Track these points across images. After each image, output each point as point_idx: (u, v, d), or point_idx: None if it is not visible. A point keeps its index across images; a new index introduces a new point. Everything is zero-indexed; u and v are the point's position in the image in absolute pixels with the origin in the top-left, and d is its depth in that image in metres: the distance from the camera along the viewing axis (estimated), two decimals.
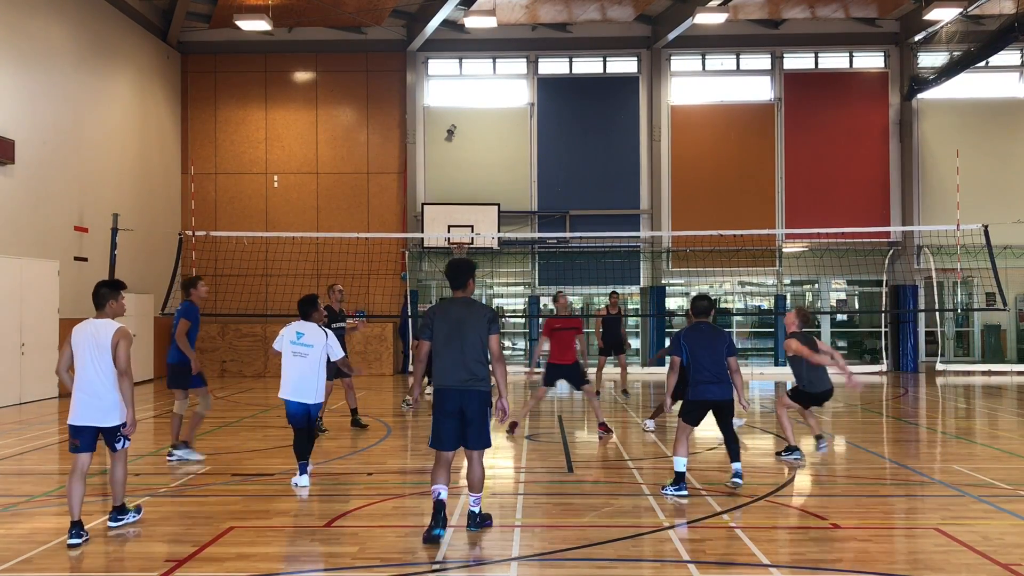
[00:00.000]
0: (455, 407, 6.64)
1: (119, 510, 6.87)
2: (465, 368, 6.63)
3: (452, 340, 6.66)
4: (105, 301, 6.73)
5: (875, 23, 24.53)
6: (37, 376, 16.52)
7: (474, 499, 6.82)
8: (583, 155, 24.53)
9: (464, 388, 6.63)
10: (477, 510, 6.82)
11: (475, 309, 6.78)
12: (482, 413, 6.67)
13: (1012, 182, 23.91)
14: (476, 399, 6.64)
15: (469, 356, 6.63)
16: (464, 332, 6.66)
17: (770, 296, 25.81)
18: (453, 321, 6.71)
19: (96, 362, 6.52)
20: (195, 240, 19.13)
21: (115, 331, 6.56)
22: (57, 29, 18.09)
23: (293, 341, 8.60)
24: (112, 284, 6.87)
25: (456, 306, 6.81)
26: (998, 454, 10.12)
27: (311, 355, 8.52)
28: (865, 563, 5.93)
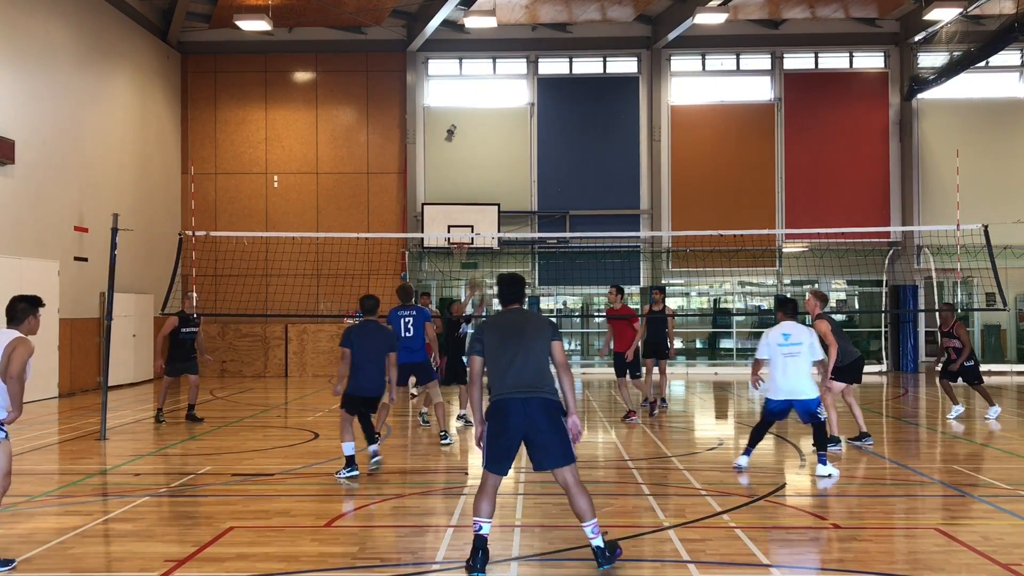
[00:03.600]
0: (517, 419, 5.82)
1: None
2: (526, 376, 5.89)
3: (508, 347, 5.97)
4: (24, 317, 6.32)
5: (875, 23, 24.53)
6: (37, 376, 16.49)
7: (590, 528, 5.78)
8: (583, 155, 24.52)
9: (527, 396, 5.84)
10: (600, 542, 5.76)
11: (533, 316, 6.29)
12: (554, 423, 5.84)
13: (1012, 182, 23.91)
14: (542, 407, 5.83)
15: (530, 362, 5.92)
16: (523, 338, 5.99)
17: (770, 296, 25.81)
18: (509, 329, 6.08)
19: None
20: (195, 240, 19.10)
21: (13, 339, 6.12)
22: (57, 29, 18.09)
23: (781, 344, 8.87)
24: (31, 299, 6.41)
25: (511, 315, 6.22)
26: (998, 454, 10.12)
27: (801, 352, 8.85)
28: (865, 563, 5.93)
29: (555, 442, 5.81)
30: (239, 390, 19.03)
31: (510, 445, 5.86)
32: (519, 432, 5.84)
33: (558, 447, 5.81)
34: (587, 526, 5.77)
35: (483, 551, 5.73)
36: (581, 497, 5.79)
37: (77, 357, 18.07)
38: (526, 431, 5.84)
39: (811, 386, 8.89)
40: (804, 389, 8.83)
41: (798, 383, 8.82)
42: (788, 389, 8.81)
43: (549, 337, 6.04)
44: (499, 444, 5.85)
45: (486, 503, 5.80)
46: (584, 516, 5.78)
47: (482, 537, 5.75)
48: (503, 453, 5.86)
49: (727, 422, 14.10)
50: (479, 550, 5.72)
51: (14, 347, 6.06)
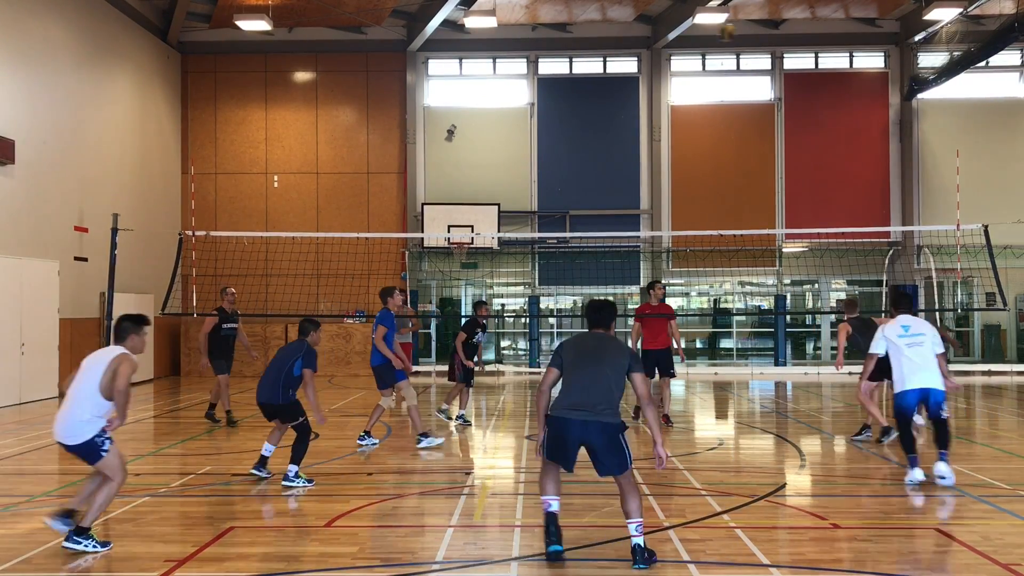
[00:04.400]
0: (576, 437, 6.05)
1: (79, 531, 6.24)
2: (591, 397, 6.04)
3: (583, 367, 6.17)
4: (126, 335, 6.61)
5: (875, 23, 24.53)
6: (37, 376, 16.52)
7: (636, 527, 5.92)
8: (583, 155, 24.52)
9: (584, 419, 6.01)
10: (640, 542, 5.89)
11: (613, 342, 6.34)
12: (611, 445, 6.02)
13: (1012, 182, 23.91)
14: (600, 431, 6.00)
15: (595, 385, 6.07)
16: (599, 364, 6.14)
17: (770, 296, 25.81)
18: (586, 350, 6.27)
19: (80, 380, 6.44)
20: (195, 240, 19.11)
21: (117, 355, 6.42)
22: (57, 29, 18.09)
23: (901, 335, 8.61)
24: (135, 319, 6.70)
25: (591, 338, 6.39)
26: (998, 454, 10.12)
27: None
28: (865, 563, 5.93)
29: (612, 457, 6.05)
30: (239, 390, 19.01)
31: (567, 453, 6.13)
32: (577, 444, 6.11)
33: (615, 461, 6.05)
34: (631, 523, 5.96)
35: (555, 526, 6.07)
36: (631, 498, 5.99)
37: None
38: (584, 445, 6.11)
39: (940, 377, 8.46)
40: (934, 379, 8.42)
41: (927, 373, 8.41)
42: (919, 378, 8.40)
43: (625, 367, 6.18)
44: (558, 449, 6.14)
45: (550, 483, 6.19)
46: (630, 515, 5.97)
47: (552, 514, 6.10)
48: (562, 456, 6.15)
49: (727, 422, 14.09)
50: (549, 526, 6.07)
51: (119, 363, 6.38)
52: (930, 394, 8.43)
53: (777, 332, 24.62)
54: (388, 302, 10.77)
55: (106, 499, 6.31)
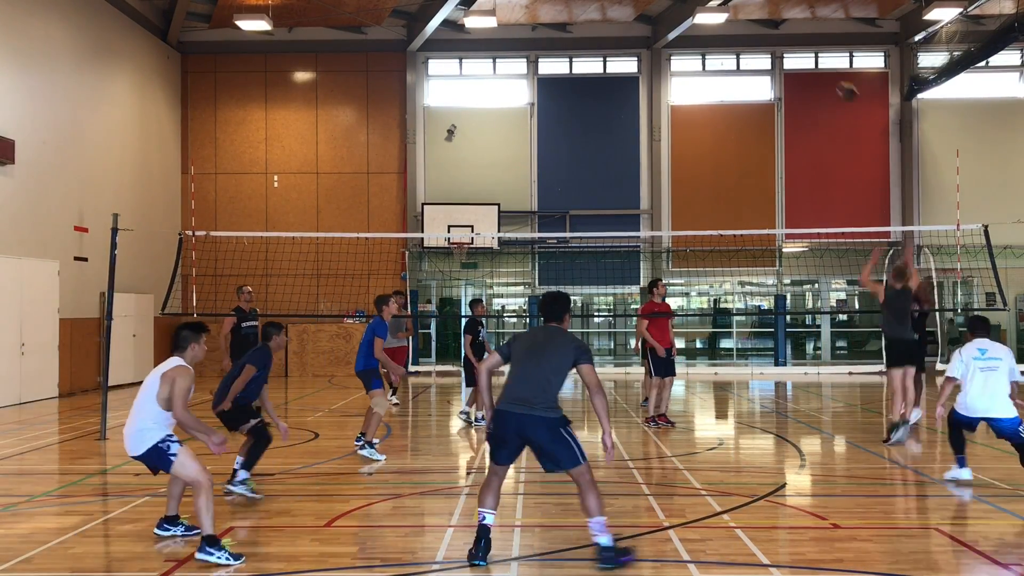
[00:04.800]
0: (512, 433, 5.98)
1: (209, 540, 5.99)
2: (529, 390, 5.97)
3: (525, 361, 6.09)
4: (186, 344, 6.44)
5: (875, 23, 24.53)
6: (37, 376, 16.53)
7: (595, 526, 5.85)
8: (583, 155, 24.53)
9: (522, 412, 5.93)
10: (603, 541, 5.80)
11: (562, 335, 6.23)
12: (558, 438, 5.93)
13: (1012, 182, 23.91)
14: (541, 426, 5.92)
15: (540, 380, 5.99)
16: (543, 356, 6.06)
17: (770, 296, 25.81)
18: (534, 343, 6.20)
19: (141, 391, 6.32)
20: (195, 240, 19.12)
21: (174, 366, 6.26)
22: (57, 29, 18.09)
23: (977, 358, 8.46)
24: (195, 327, 6.55)
25: (542, 331, 6.33)
26: (998, 454, 10.11)
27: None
28: (865, 563, 5.93)
29: (558, 451, 5.95)
30: None
31: (512, 448, 6.07)
32: (518, 440, 6.03)
33: (563, 454, 5.94)
34: (592, 522, 5.86)
35: (485, 540, 5.90)
36: (589, 495, 5.90)
37: (77, 357, 18.07)
38: (527, 442, 6.03)
39: (1008, 404, 8.27)
40: (1000, 407, 8.26)
41: (994, 401, 8.27)
42: (983, 407, 8.29)
43: (571, 358, 6.06)
44: (499, 446, 6.08)
45: (491, 493, 6.02)
46: (590, 512, 5.88)
47: (484, 527, 5.93)
48: (499, 450, 6.08)
49: (727, 422, 14.09)
50: (480, 538, 5.90)
51: (173, 378, 6.18)
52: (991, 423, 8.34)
53: (777, 332, 24.62)
54: (383, 311, 10.49)
55: (205, 504, 6.01)
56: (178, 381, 6.16)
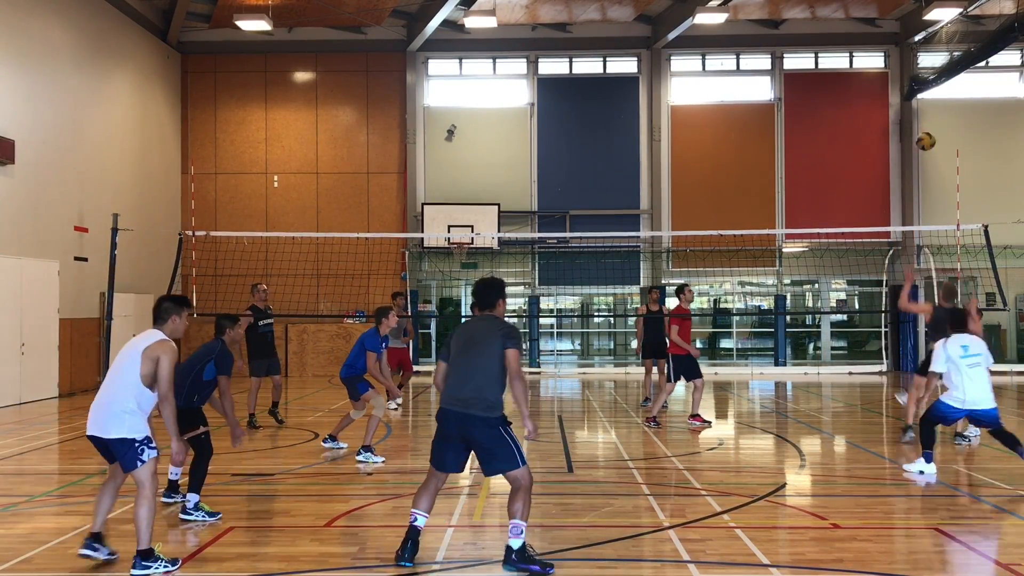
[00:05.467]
0: (455, 432, 5.91)
1: (143, 555, 5.77)
2: (468, 388, 5.90)
3: (460, 358, 6.01)
4: (168, 315, 6.06)
5: (875, 23, 24.53)
6: (37, 376, 16.53)
7: (512, 528, 5.78)
8: (583, 155, 24.52)
9: (462, 411, 5.87)
10: (516, 544, 5.73)
11: (491, 324, 6.08)
12: (492, 436, 5.86)
13: (1012, 182, 23.90)
14: (480, 425, 5.85)
15: (476, 377, 5.90)
16: (475, 350, 5.98)
17: (770, 296, 25.81)
18: (467, 337, 6.08)
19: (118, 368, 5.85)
20: (195, 240, 19.12)
21: (156, 342, 5.81)
22: (57, 29, 18.09)
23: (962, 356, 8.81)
24: (177, 299, 6.18)
25: (474, 322, 6.24)
26: (998, 454, 10.11)
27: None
28: (865, 563, 5.93)
29: (496, 453, 5.87)
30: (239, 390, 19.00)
31: (452, 451, 5.97)
32: (459, 443, 5.95)
33: (502, 458, 5.86)
34: (512, 524, 5.78)
35: (413, 542, 5.89)
36: (520, 498, 5.81)
37: (77, 357, 18.07)
38: (467, 442, 5.94)
39: (992, 397, 8.83)
40: (987, 400, 8.78)
41: (983, 394, 8.76)
42: (973, 401, 8.74)
43: (499, 346, 5.94)
44: (442, 447, 5.99)
45: (425, 496, 5.99)
46: (512, 514, 5.80)
47: (415, 528, 5.91)
48: (444, 455, 5.98)
49: (727, 422, 14.09)
50: (407, 540, 5.88)
51: (157, 355, 5.76)
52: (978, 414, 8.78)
53: (777, 332, 24.62)
54: (383, 323, 10.11)
55: (150, 515, 5.75)
56: (163, 360, 5.76)
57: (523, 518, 5.77)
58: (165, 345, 5.83)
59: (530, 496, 5.88)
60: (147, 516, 5.75)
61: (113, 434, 5.74)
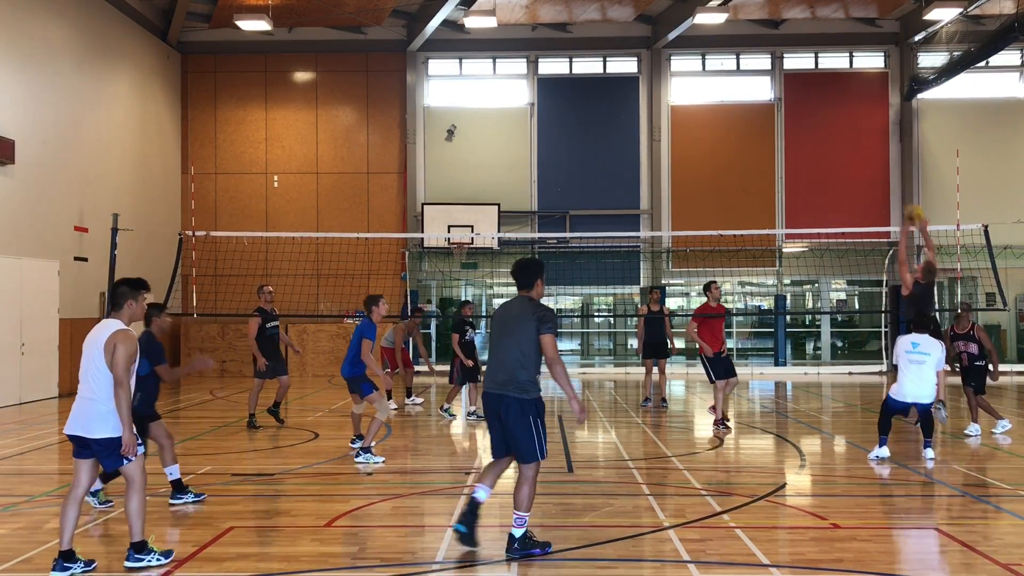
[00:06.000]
0: (494, 412, 6.14)
1: (137, 547, 5.84)
2: (503, 371, 6.08)
3: (496, 339, 6.22)
4: (124, 300, 5.96)
5: (875, 23, 24.53)
6: (37, 376, 16.52)
7: (515, 518, 6.04)
8: (583, 155, 24.52)
9: (499, 392, 6.07)
10: (518, 533, 5.99)
11: (526, 306, 6.18)
12: (522, 423, 6.00)
13: (1012, 182, 23.91)
14: (513, 406, 6.01)
15: (510, 358, 6.05)
16: (509, 332, 6.12)
17: (770, 296, 25.81)
18: (502, 319, 6.27)
19: (88, 365, 5.78)
20: (195, 240, 19.13)
21: (113, 332, 5.72)
22: (57, 29, 18.09)
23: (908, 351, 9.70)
24: (133, 283, 6.04)
25: (511, 304, 6.36)
26: (998, 454, 10.12)
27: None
28: (865, 563, 5.93)
29: (521, 440, 6.06)
30: (239, 390, 19.02)
31: (496, 432, 6.22)
32: (499, 424, 6.17)
33: (523, 445, 6.06)
34: (515, 514, 6.04)
35: (471, 513, 6.13)
36: (524, 489, 6.05)
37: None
38: (502, 424, 6.15)
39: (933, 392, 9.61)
40: (928, 395, 9.59)
41: (922, 389, 9.56)
42: (913, 394, 9.59)
43: (532, 329, 6.03)
44: (491, 431, 6.26)
45: (488, 475, 6.31)
46: (518, 506, 6.04)
47: (475, 501, 6.17)
48: (494, 441, 6.27)
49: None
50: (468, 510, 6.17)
51: (114, 345, 5.67)
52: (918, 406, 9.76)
53: (777, 332, 24.62)
54: (373, 312, 10.25)
55: (141, 507, 5.80)
56: (119, 348, 5.66)
57: (527, 508, 6.02)
58: (120, 335, 5.74)
59: (534, 488, 6.10)
60: (138, 509, 5.79)
61: (98, 433, 5.70)
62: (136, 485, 5.81)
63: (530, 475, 6.05)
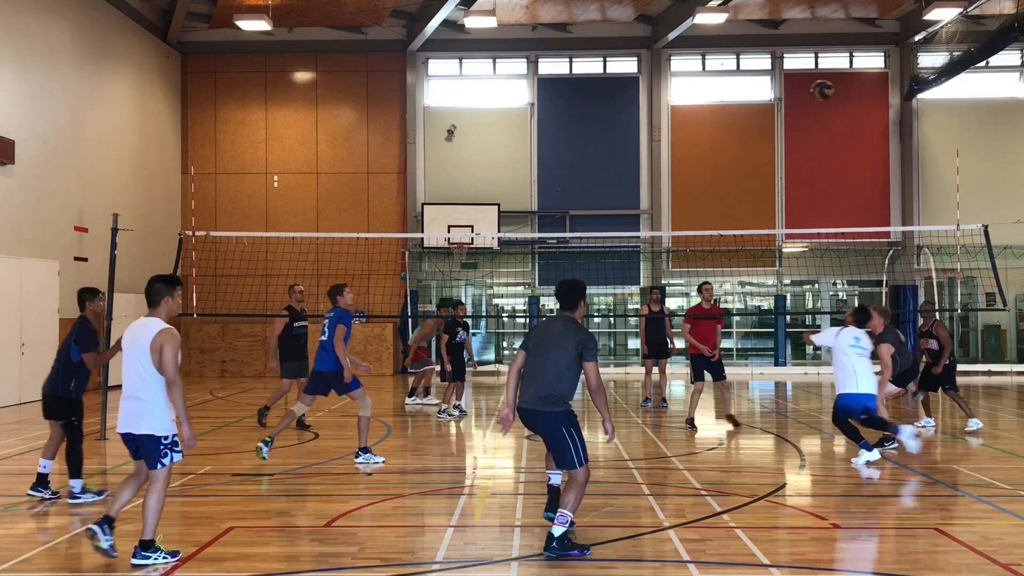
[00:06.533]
0: (530, 426, 6.45)
1: (144, 545, 5.91)
2: (536, 387, 6.28)
3: (533, 355, 6.38)
4: (160, 298, 6.09)
5: (875, 23, 24.53)
6: (37, 376, 16.42)
7: (559, 516, 6.07)
8: (583, 155, 24.52)
9: (534, 409, 6.30)
10: (558, 532, 6.01)
11: (569, 327, 6.38)
12: (558, 436, 6.25)
13: (1012, 182, 23.91)
14: (547, 421, 6.27)
15: (542, 376, 6.26)
16: (547, 351, 6.31)
17: (770, 296, 25.81)
18: (543, 336, 6.44)
19: (133, 364, 5.94)
20: (195, 240, 19.11)
21: (157, 332, 5.88)
22: (57, 29, 18.09)
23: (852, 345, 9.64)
24: (168, 279, 6.18)
25: (553, 322, 6.58)
26: (998, 454, 10.12)
27: None
28: (865, 563, 5.93)
29: (560, 451, 6.33)
30: (239, 390, 19.04)
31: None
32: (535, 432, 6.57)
33: (563, 455, 6.33)
34: (560, 512, 6.10)
35: (552, 499, 6.73)
36: (572, 491, 6.18)
37: None
38: (541, 437, 6.53)
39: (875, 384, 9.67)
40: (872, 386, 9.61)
41: (872, 383, 9.58)
42: (868, 387, 9.53)
43: (573, 350, 6.26)
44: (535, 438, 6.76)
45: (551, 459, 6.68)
46: (564, 504, 6.15)
47: (553, 487, 6.76)
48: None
49: (727, 422, 14.08)
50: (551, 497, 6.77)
51: (161, 345, 5.84)
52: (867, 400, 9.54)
53: (777, 332, 24.61)
54: (338, 300, 9.80)
55: (159, 505, 5.91)
56: (165, 348, 5.84)
57: (572, 509, 6.12)
58: (165, 334, 5.90)
59: (583, 491, 6.26)
60: (155, 507, 5.91)
61: (144, 429, 5.91)
62: (160, 484, 5.94)
63: (580, 480, 6.24)
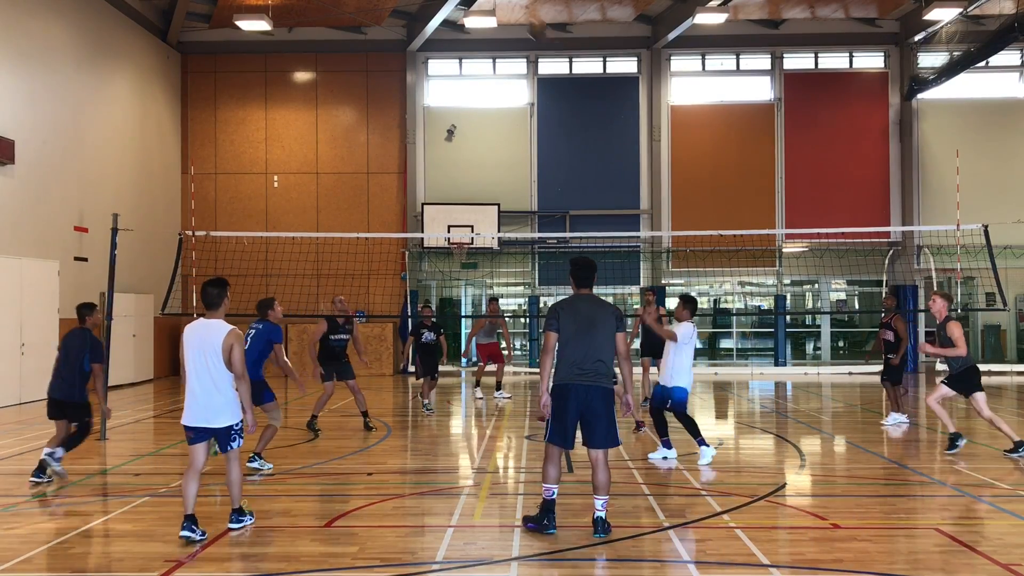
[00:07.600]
0: (577, 403, 6.58)
1: (238, 512, 6.82)
2: (591, 363, 6.56)
3: (580, 336, 6.59)
4: (220, 301, 6.76)
5: (875, 23, 24.53)
6: (37, 376, 16.45)
7: (601, 503, 6.57)
8: (583, 155, 24.53)
9: (589, 384, 6.56)
10: (604, 515, 6.55)
11: (604, 306, 6.76)
12: (608, 411, 6.63)
13: (1012, 182, 23.91)
14: (601, 396, 6.59)
15: (598, 353, 6.58)
16: (594, 329, 6.61)
17: (770, 296, 25.81)
18: (583, 317, 6.65)
19: (205, 363, 6.53)
20: (195, 240, 19.08)
21: (227, 334, 6.58)
22: (57, 29, 18.09)
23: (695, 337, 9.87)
24: (219, 282, 6.83)
25: (584, 302, 6.76)
26: (998, 454, 10.11)
27: None
28: (865, 563, 5.93)
29: (605, 426, 6.60)
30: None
31: (570, 425, 6.63)
32: (577, 414, 6.61)
33: (606, 431, 6.62)
34: (598, 499, 6.54)
35: (552, 513, 6.62)
36: (603, 473, 6.58)
37: None
38: (583, 413, 6.60)
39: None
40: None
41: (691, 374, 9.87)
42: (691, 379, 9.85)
43: (613, 326, 6.65)
44: (561, 423, 6.61)
45: (552, 469, 6.66)
46: (599, 489, 6.55)
47: (552, 501, 6.62)
48: (564, 431, 6.63)
49: (727, 422, 14.09)
50: (549, 511, 6.62)
51: (231, 345, 6.55)
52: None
53: (777, 332, 24.61)
54: (269, 315, 9.60)
55: (238, 475, 6.78)
56: (236, 348, 6.55)
57: (608, 491, 6.59)
58: (233, 336, 6.62)
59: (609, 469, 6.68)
60: (237, 478, 6.77)
61: (222, 423, 6.58)
62: (235, 460, 6.73)
63: (604, 458, 6.59)
